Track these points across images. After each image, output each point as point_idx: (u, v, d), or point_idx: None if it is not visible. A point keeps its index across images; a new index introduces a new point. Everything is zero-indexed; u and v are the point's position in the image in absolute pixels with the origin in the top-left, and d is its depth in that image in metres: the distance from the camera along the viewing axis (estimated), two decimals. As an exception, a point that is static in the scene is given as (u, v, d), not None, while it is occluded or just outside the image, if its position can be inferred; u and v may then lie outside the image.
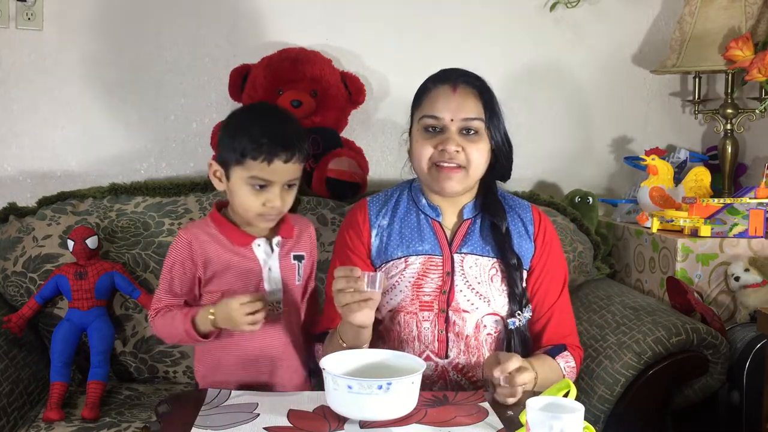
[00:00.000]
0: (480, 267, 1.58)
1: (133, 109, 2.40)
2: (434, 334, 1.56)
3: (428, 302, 1.57)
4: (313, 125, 2.27)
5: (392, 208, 1.65)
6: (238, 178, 1.46)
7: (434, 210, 1.62)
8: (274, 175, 1.45)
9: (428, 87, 1.59)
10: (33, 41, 2.33)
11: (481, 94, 1.57)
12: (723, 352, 1.83)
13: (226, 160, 1.48)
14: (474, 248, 1.59)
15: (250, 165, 1.44)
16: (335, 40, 2.44)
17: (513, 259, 1.58)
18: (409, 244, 1.60)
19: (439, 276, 1.58)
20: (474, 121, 1.54)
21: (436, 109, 1.55)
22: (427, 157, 1.55)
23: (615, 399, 1.78)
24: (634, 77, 2.61)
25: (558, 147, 2.59)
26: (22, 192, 2.35)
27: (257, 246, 1.52)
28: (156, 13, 2.38)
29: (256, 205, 1.47)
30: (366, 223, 1.64)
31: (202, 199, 2.18)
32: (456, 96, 1.55)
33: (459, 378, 1.58)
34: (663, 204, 2.26)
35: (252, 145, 1.43)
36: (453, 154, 1.53)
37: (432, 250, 1.59)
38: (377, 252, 1.62)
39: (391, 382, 1.21)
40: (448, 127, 1.54)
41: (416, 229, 1.61)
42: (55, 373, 1.84)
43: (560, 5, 2.52)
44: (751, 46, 2.21)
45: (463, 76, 1.58)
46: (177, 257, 1.51)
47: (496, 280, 1.58)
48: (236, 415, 1.28)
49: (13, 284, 2.02)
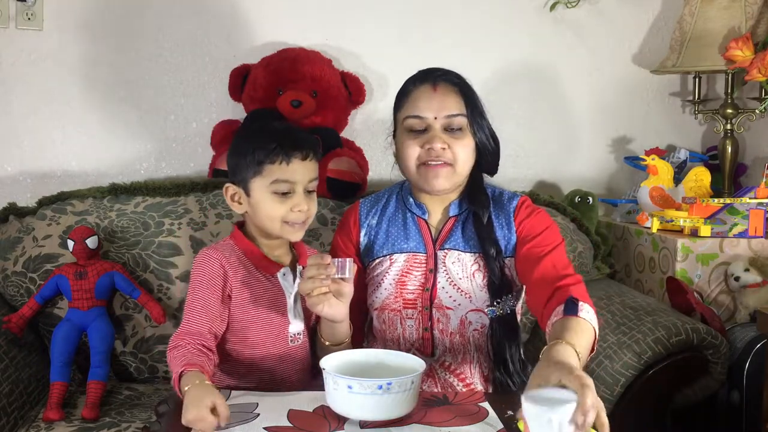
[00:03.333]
0: (462, 263, 1.58)
1: (133, 109, 2.40)
2: (419, 333, 1.57)
3: (412, 300, 1.58)
4: (313, 125, 2.27)
5: (382, 208, 1.67)
6: (259, 189, 1.45)
7: (420, 208, 1.63)
8: (294, 175, 1.45)
9: (408, 88, 1.60)
10: (33, 41, 2.33)
11: (461, 91, 1.57)
12: (723, 352, 1.83)
13: (243, 178, 1.46)
14: (457, 244, 1.59)
15: (269, 170, 1.43)
16: (335, 40, 2.45)
17: (492, 249, 1.56)
18: (395, 242, 1.62)
19: (422, 273, 1.59)
20: (457, 118, 1.55)
21: (418, 108, 1.55)
22: (414, 157, 1.56)
23: (615, 399, 1.78)
24: (634, 77, 2.61)
25: (558, 147, 2.59)
26: (22, 192, 2.35)
27: (282, 275, 1.51)
28: (156, 13, 2.38)
29: (283, 212, 1.45)
30: (356, 224, 1.67)
31: (202, 199, 2.18)
32: (437, 94, 1.55)
33: (447, 376, 1.58)
34: (663, 204, 2.26)
35: (267, 150, 1.43)
36: (439, 152, 1.53)
37: (416, 247, 1.60)
38: (365, 250, 1.65)
39: (391, 382, 1.21)
40: (432, 125, 1.55)
41: (402, 227, 1.63)
42: (55, 373, 1.83)
43: (560, 5, 2.52)
44: (751, 46, 2.21)
45: (442, 75, 1.58)
46: (206, 275, 1.44)
47: (478, 276, 1.58)
48: (236, 415, 1.27)
49: (13, 284, 2.02)
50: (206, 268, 1.46)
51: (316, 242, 2.11)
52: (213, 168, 2.29)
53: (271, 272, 1.51)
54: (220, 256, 1.47)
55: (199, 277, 1.45)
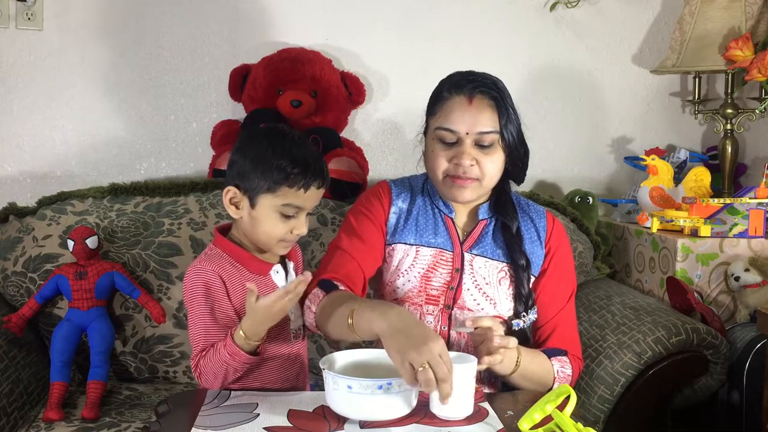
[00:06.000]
0: (489, 269, 1.58)
1: (133, 109, 2.40)
2: (436, 330, 1.55)
3: (435, 296, 1.57)
4: (313, 125, 2.28)
5: (411, 195, 1.65)
6: (266, 206, 1.42)
7: (447, 207, 1.62)
8: (306, 202, 1.44)
9: (444, 96, 1.55)
10: (33, 41, 2.33)
11: (497, 105, 1.52)
12: (723, 352, 1.83)
13: (253, 188, 1.42)
14: (485, 250, 1.59)
15: (284, 192, 1.41)
16: (335, 40, 2.45)
17: (521, 260, 1.57)
18: (423, 234, 1.60)
19: (448, 272, 1.58)
20: (489, 135, 1.51)
21: (451, 121, 1.52)
22: (441, 168, 1.54)
23: (615, 399, 1.78)
24: (634, 77, 2.61)
25: (558, 147, 2.59)
26: (22, 192, 2.35)
27: (275, 273, 1.50)
28: (156, 13, 2.38)
29: (282, 232, 1.44)
30: (388, 200, 1.64)
31: (201, 199, 2.18)
32: (472, 108, 1.51)
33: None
34: (663, 204, 2.26)
35: (289, 173, 1.40)
36: (467, 168, 1.51)
37: (444, 244, 1.59)
38: (392, 230, 1.62)
39: (391, 382, 1.21)
40: (463, 140, 1.51)
41: (431, 221, 1.62)
42: (55, 373, 1.84)
43: (560, 5, 2.52)
44: (751, 46, 2.21)
45: (480, 86, 1.52)
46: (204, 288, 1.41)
47: (504, 283, 1.58)
48: (236, 415, 1.28)
49: (13, 284, 2.02)
50: (203, 282, 1.42)
51: (316, 242, 2.11)
52: (213, 168, 2.29)
53: (263, 273, 1.49)
54: (214, 267, 1.43)
55: (198, 293, 1.42)
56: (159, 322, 1.97)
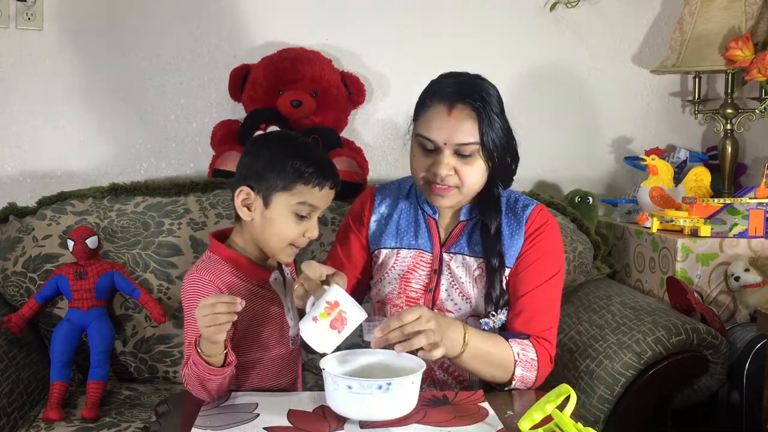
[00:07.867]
0: (466, 267, 1.58)
1: (133, 109, 2.40)
2: None
3: (414, 299, 1.59)
4: (313, 125, 2.28)
5: (395, 198, 1.67)
6: (281, 205, 1.41)
7: (432, 208, 1.62)
8: (320, 202, 1.43)
9: (426, 103, 1.52)
10: (33, 41, 2.33)
11: (478, 115, 1.48)
12: (723, 352, 1.83)
13: (268, 187, 1.40)
14: (463, 248, 1.59)
15: (300, 190, 1.40)
16: (335, 40, 2.45)
17: (495, 259, 1.55)
18: (404, 236, 1.62)
19: (426, 273, 1.59)
20: (468, 146, 1.48)
21: (429, 130, 1.50)
22: (420, 174, 1.54)
23: (615, 399, 1.78)
24: (634, 77, 2.60)
25: (558, 147, 2.59)
26: (22, 192, 2.35)
27: (274, 280, 1.49)
28: (156, 13, 2.38)
29: (295, 234, 1.42)
30: (369, 210, 1.67)
31: (202, 199, 2.18)
32: (451, 119, 1.48)
33: (446, 378, 1.59)
34: (663, 204, 2.26)
35: (304, 171, 1.39)
36: (445, 177, 1.50)
37: (424, 246, 1.60)
38: (373, 238, 1.65)
39: (391, 382, 1.21)
40: (441, 149, 1.49)
41: (413, 223, 1.63)
42: (55, 373, 1.84)
43: (560, 5, 2.52)
44: (751, 46, 2.21)
45: (462, 96, 1.48)
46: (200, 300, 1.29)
47: (480, 281, 1.58)
48: (236, 415, 1.28)
49: (13, 284, 2.02)
50: (199, 295, 1.35)
51: (316, 242, 2.11)
52: (213, 168, 2.29)
53: (262, 280, 1.47)
54: (213, 277, 1.40)
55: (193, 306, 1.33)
56: (159, 322, 1.97)
